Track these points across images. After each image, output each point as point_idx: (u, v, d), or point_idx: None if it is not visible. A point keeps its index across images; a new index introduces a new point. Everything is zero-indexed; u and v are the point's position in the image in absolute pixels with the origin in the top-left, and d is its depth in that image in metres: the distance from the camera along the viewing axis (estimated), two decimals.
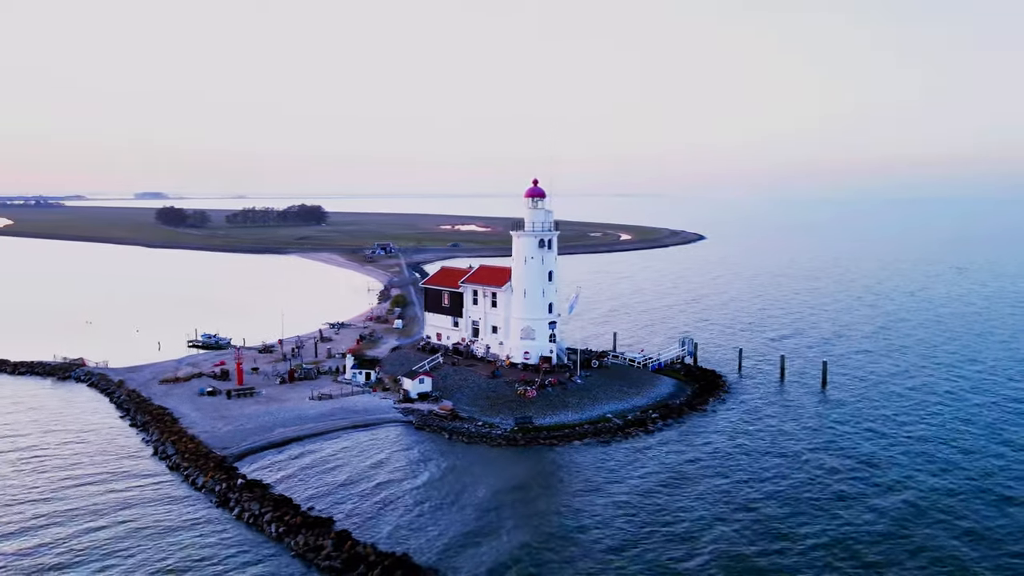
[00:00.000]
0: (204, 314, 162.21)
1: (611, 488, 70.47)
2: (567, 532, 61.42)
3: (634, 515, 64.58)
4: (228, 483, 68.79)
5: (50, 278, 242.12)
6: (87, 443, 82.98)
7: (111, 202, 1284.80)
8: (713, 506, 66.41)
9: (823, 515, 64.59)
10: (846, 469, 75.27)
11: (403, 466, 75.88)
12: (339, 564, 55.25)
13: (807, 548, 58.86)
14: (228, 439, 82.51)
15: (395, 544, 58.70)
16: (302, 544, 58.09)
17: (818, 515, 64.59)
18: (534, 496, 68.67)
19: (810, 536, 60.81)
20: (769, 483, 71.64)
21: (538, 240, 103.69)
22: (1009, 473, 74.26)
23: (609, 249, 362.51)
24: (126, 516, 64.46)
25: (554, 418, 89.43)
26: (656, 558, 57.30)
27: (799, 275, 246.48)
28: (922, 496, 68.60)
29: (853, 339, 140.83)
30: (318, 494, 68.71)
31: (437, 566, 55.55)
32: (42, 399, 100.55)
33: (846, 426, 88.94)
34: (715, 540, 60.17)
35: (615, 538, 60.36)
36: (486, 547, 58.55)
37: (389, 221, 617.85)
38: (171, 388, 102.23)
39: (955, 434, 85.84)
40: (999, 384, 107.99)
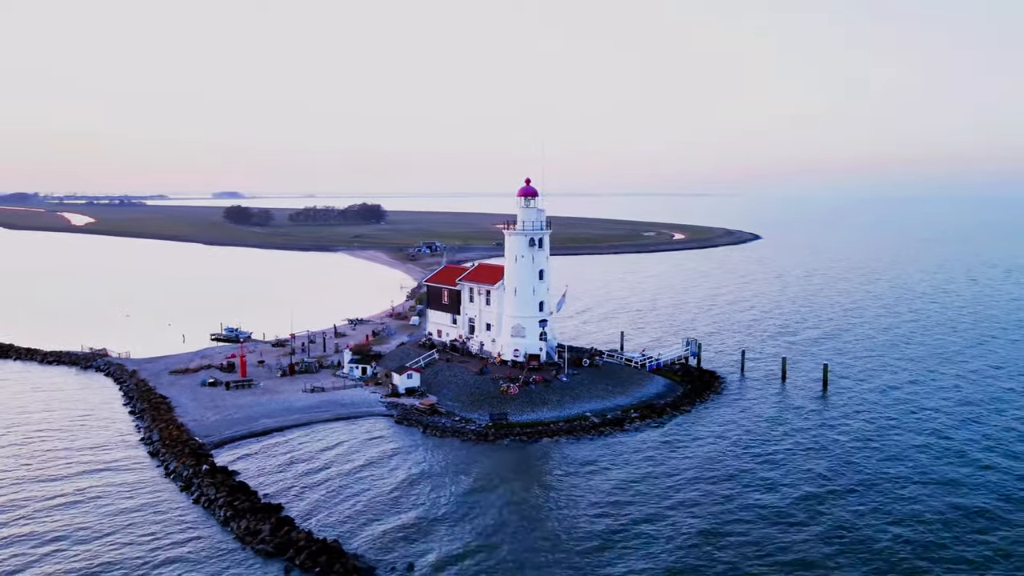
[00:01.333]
0: (237, 308, 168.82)
1: (563, 483, 71.09)
2: (503, 526, 62.43)
3: (575, 512, 65.12)
4: (194, 469, 72.40)
5: (107, 273, 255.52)
6: (85, 426, 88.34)
7: (190, 201, 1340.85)
8: (658, 507, 66.26)
9: (769, 523, 63.75)
10: (814, 476, 73.80)
11: (369, 457, 78.06)
12: (271, 548, 57.76)
13: (746, 553, 58.39)
14: (213, 428, 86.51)
15: (332, 530, 60.93)
16: (243, 528, 60.89)
17: (765, 523, 63.77)
18: (483, 489, 69.77)
19: (748, 544, 60.23)
20: (724, 486, 70.92)
21: (528, 239, 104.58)
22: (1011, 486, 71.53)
23: (656, 248, 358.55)
24: (91, 492, 69.09)
25: (531, 415, 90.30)
26: (584, 556, 57.82)
27: (846, 276, 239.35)
28: (881, 506, 66.87)
29: (866, 342, 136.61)
30: (280, 481, 71.59)
31: (363, 553, 57.44)
32: (60, 385, 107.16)
33: (831, 431, 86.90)
34: (647, 542, 60.24)
35: (550, 532, 61.12)
36: (419, 538, 60.06)
37: (446, 220, 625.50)
38: (178, 379, 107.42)
39: (944, 446, 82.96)
40: (1010, 394, 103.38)
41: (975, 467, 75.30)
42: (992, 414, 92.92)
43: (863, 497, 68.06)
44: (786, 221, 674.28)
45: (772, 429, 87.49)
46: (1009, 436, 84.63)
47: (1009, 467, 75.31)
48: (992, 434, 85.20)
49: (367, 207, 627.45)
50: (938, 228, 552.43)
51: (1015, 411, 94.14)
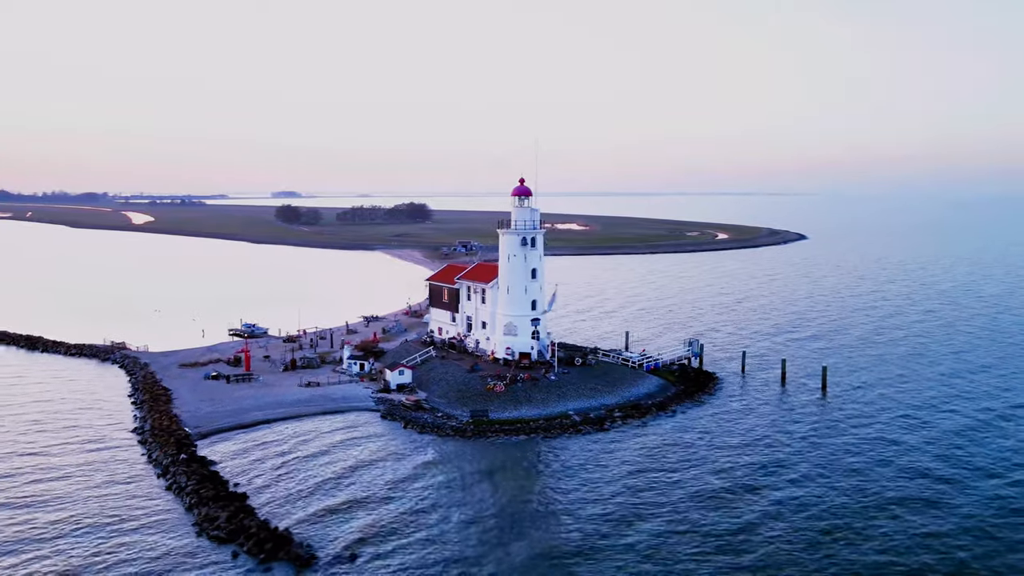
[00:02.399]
0: (263, 304, 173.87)
1: (525, 480, 71.93)
2: (451, 520, 63.61)
3: (525, 508, 65.93)
4: (173, 457, 75.59)
5: (149, 269, 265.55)
6: (87, 413, 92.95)
7: (249, 201, 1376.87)
8: (615, 507, 66.50)
9: (725, 527, 63.45)
10: (780, 479, 72.99)
11: (344, 451, 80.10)
12: (224, 534, 60.14)
13: (702, 557, 58.37)
14: (205, 419, 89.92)
15: (289, 519, 62.95)
16: (203, 515, 63.47)
17: (720, 527, 63.50)
18: (446, 484, 71.04)
19: (701, 548, 60.12)
20: (689, 487, 70.71)
21: (521, 238, 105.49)
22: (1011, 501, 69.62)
23: (696, 248, 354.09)
24: (72, 471, 73.49)
25: (513, 413, 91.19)
26: (527, 551, 58.65)
27: (881, 278, 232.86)
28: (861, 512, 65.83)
29: (881, 346, 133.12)
30: (253, 471, 74.16)
31: (312, 542, 59.21)
32: (77, 376, 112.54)
33: (815, 435, 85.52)
34: (596, 542, 60.67)
35: (494, 527, 62.11)
36: (368, 528, 61.70)
37: (491, 219, 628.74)
38: (186, 372, 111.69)
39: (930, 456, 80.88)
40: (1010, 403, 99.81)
41: (960, 470, 73.40)
42: (992, 415, 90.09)
43: (825, 500, 67.09)
44: (857, 223, 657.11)
45: (752, 431, 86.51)
46: (1009, 438, 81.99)
47: (1007, 470, 73.12)
48: (991, 436, 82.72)
49: (414, 206, 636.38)
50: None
51: (1016, 413, 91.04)
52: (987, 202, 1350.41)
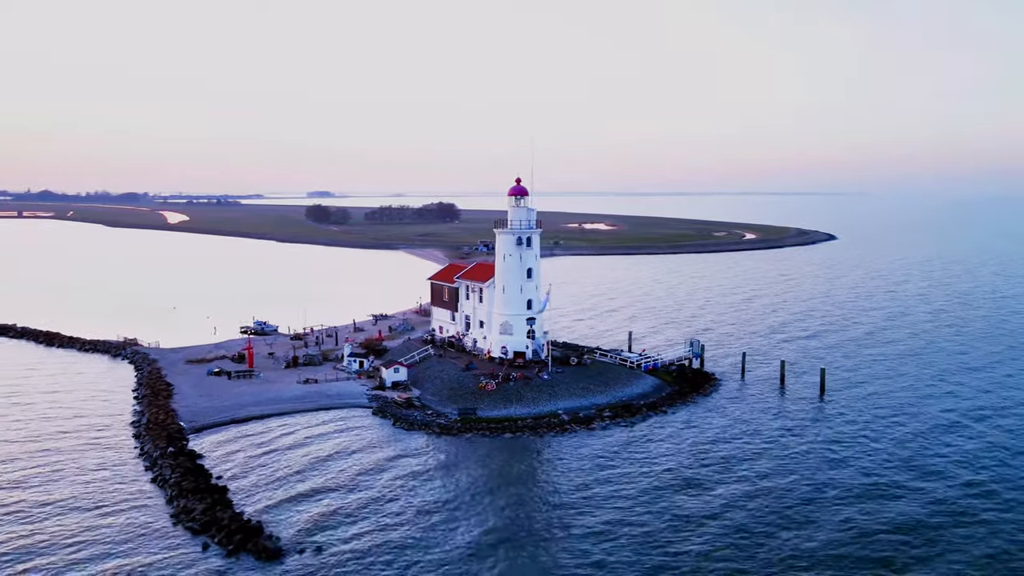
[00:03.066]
0: (276, 302, 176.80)
1: (505, 477, 72.54)
2: (424, 516, 64.44)
3: (497, 504, 66.53)
4: (162, 450, 77.63)
5: (174, 266, 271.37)
6: (89, 406, 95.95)
7: (284, 200, 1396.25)
8: (590, 506, 66.80)
9: (694, 530, 63.39)
10: (761, 484, 72.55)
11: (331, 446, 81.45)
12: (198, 526, 61.69)
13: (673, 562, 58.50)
14: (200, 414, 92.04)
15: (264, 513, 64.34)
16: (181, 507, 65.18)
17: (694, 529, 63.45)
18: (425, 480, 71.91)
19: (670, 550, 60.20)
20: (667, 488, 70.65)
21: (516, 238, 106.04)
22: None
23: (720, 248, 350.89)
24: (62, 460, 76.56)
25: (502, 411, 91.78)
26: (491, 546, 59.28)
27: (901, 278, 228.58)
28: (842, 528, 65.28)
29: (885, 347, 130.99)
30: (239, 464, 75.84)
31: (282, 534, 60.50)
32: (87, 370, 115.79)
33: (800, 438, 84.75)
34: (560, 542, 61.07)
35: (463, 518, 62.87)
36: (339, 522, 62.85)
37: None
38: (191, 368, 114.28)
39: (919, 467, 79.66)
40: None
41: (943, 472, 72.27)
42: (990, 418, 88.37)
43: (785, 500, 66.61)
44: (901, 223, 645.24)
45: (739, 433, 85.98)
46: (1006, 440, 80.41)
47: (1003, 472, 71.84)
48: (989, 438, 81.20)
49: (442, 206, 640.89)
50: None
51: (1015, 416, 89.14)
52: (998, 201, 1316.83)
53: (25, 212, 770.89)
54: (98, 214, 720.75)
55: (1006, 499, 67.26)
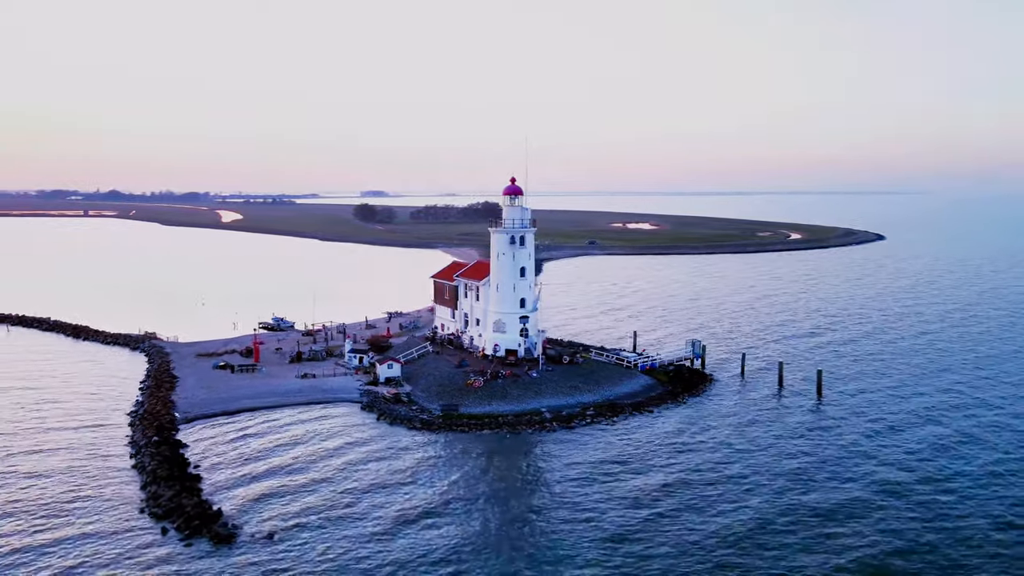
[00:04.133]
0: (301, 300, 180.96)
1: (468, 472, 73.58)
2: (382, 508, 66.00)
3: (455, 500, 67.68)
4: (148, 439, 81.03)
5: (213, 264, 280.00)
6: (95, 395, 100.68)
7: (338, 200, 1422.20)
8: (545, 504, 67.42)
9: (642, 535, 63.45)
10: (724, 489, 72.00)
11: (311, 439, 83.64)
12: (162, 512, 64.37)
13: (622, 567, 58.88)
14: (196, 405, 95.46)
15: (231, 501, 66.83)
16: (151, 493, 68.09)
17: (640, 535, 63.54)
18: (389, 472, 73.50)
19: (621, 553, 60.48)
20: (630, 489, 70.73)
21: (509, 237, 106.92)
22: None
23: (759, 249, 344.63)
24: (54, 444, 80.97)
25: (485, 408, 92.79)
26: (446, 544, 60.47)
27: (941, 280, 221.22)
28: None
29: (896, 350, 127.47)
30: (220, 454, 78.59)
31: (242, 522, 62.75)
32: (104, 362, 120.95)
33: (791, 442, 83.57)
34: (508, 540, 61.88)
35: (414, 512, 64.27)
36: (299, 511, 64.83)
37: (562, 218, 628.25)
38: (200, 361, 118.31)
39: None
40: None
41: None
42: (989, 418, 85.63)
43: (751, 507, 65.97)
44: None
45: (718, 434, 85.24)
46: (1002, 444, 78.02)
47: (997, 476, 69.92)
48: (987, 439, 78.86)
49: (488, 205, 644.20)
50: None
51: (1014, 420, 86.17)
52: (1010, 200, 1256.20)
53: (91, 211, 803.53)
54: (158, 213, 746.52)
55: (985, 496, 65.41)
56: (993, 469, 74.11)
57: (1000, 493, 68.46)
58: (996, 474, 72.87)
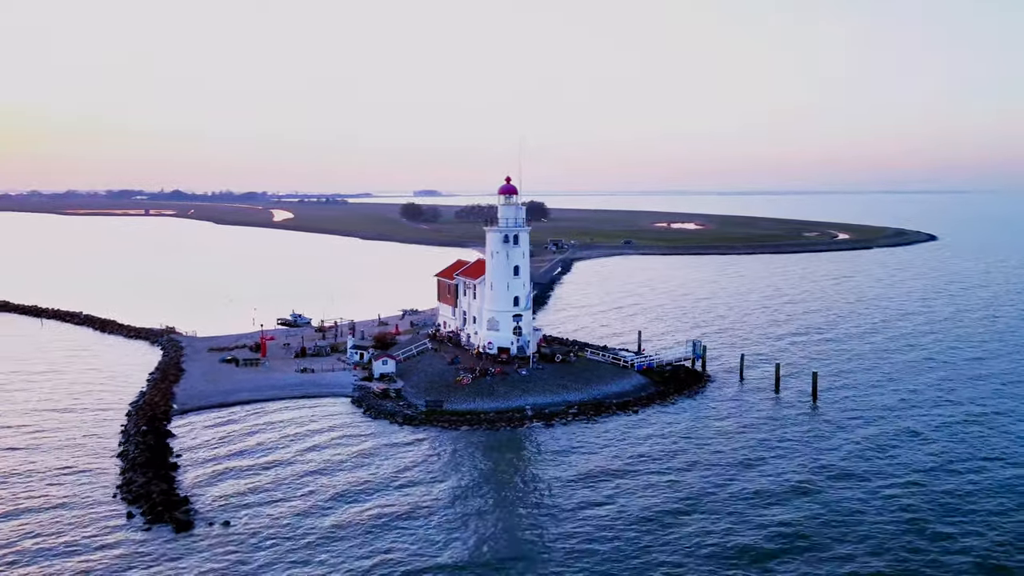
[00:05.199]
0: (325, 297, 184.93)
1: (423, 466, 74.76)
2: (344, 499, 67.65)
3: (410, 493, 68.95)
4: (137, 428, 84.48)
5: (250, 261, 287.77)
6: (103, 384, 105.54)
7: (391, 199, 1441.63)
8: (500, 504, 68.17)
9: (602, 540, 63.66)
10: (691, 494, 71.54)
11: (295, 430, 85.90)
12: (131, 497, 67.25)
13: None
14: (195, 396, 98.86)
15: (201, 489, 69.40)
16: (127, 479, 71.10)
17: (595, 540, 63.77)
18: (356, 465, 75.13)
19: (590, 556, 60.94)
20: (591, 490, 70.89)
21: (503, 236, 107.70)
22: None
23: (800, 249, 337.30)
24: (49, 427, 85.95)
25: (469, 404, 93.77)
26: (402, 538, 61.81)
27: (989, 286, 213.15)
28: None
29: (906, 355, 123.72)
30: (201, 443, 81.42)
31: (202, 508, 65.14)
32: (123, 354, 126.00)
33: (768, 445, 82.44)
34: (452, 537, 62.85)
35: (372, 504, 65.74)
36: (261, 500, 66.96)
37: (605, 217, 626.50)
38: (210, 355, 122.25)
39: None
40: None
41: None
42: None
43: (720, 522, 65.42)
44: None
45: (695, 435, 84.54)
46: (999, 448, 75.63)
47: (992, 480, 68.11)
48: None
49: (533, 204, 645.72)
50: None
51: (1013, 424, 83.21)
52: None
53: (152, 210, 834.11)
54: (213, 212, 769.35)
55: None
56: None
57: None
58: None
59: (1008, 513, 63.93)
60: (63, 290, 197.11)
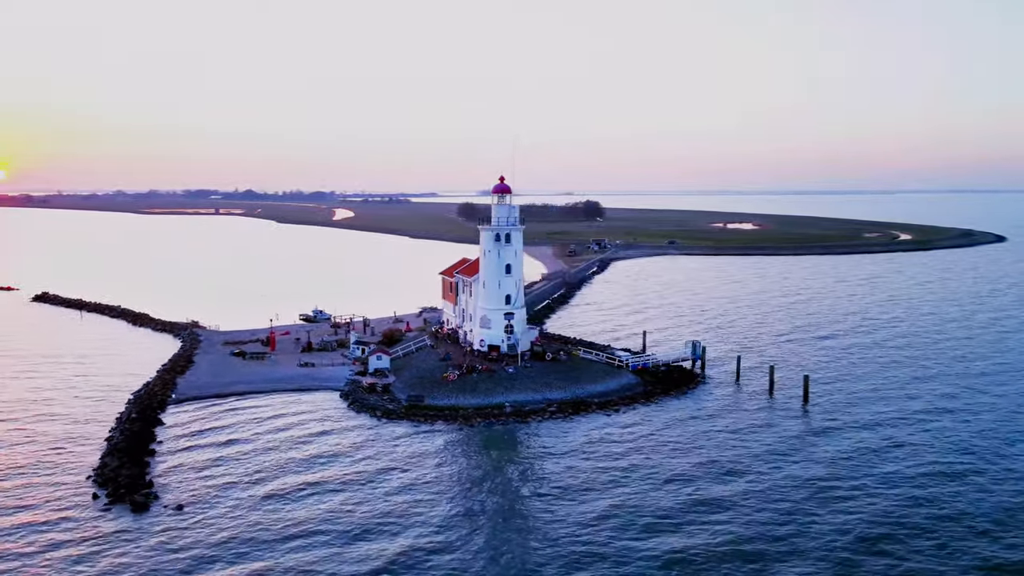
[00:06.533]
0: (351, 293, 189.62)
1: (389, 459, 76.55)
2: (306, 489, 70.09)
3: (369, 486, 70.81)
4: (129, 415, 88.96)
5: (295, 258, 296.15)
6: (117, 373, 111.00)
7: (456, 198, 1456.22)
8: (453, 496, 69.42)
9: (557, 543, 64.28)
10: (652, 500, 71.30)
11: (274, 420, 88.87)
12: (100, 480, 71.08)
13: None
14: (195, 387, 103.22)
15: (165, 471, 72.96)
16: (104, 462, 75.15)
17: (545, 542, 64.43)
18: (324, 456, 77.47)
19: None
20: (546, 491, 71.44)
21: (495, 234, 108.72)
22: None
23: (850, 250, 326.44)
24: (55, 414, 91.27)
25: (450, 400, 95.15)
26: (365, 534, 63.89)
27: None
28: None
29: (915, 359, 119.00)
30: (185, 432, 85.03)
31: (163, 493, 68.46)
32: (147, 346, 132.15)
33: (738, 450, 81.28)
34: (413, 533, 64.42)
35: (325, 497, 67.89)
36: (223, 487, 69.96)
37: (659, 217, 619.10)
38: (223, 348, 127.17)
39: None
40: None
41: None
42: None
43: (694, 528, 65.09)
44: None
45: (667, 436, 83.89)
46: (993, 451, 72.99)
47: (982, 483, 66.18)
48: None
49: (589, 204, 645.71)
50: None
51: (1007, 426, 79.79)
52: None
53: (222, 209, 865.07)
54: (277, 211, 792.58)
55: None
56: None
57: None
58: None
59: (1000, 521, 61.69)
60: (110, 285, 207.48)
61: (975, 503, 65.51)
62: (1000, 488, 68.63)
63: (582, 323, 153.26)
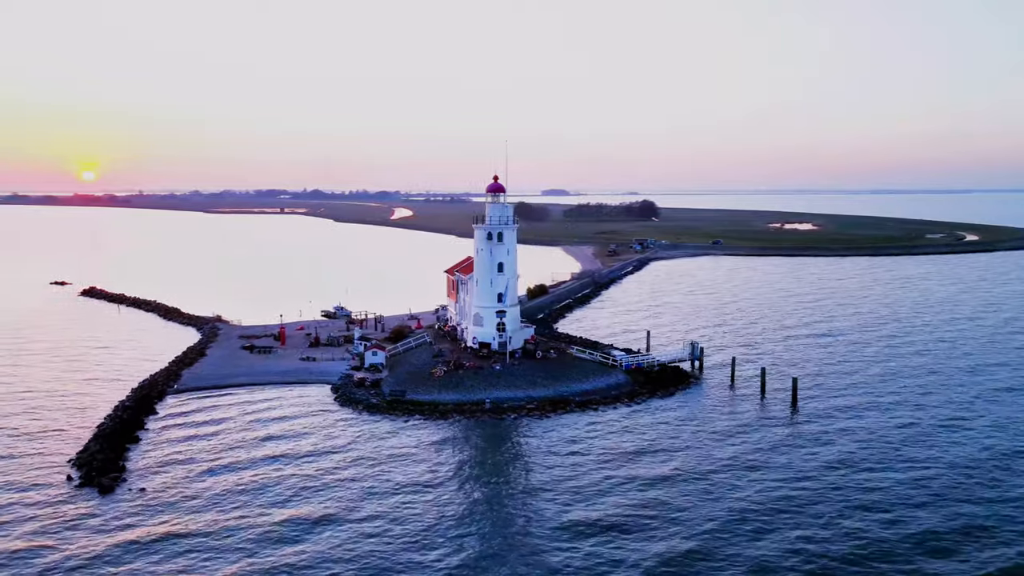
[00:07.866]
0: (380, 291, 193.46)
1: (361, 450, 78.48)
2: (276, 480, 72.72)
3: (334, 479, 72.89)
4: (126, 403, 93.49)
5: (339, 256, 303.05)
6: (134, 364, 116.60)
7: (518, 198, 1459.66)
8: (424, 497, 70.91)
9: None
10: (614, 502, 71.35)
11: (260, 412, 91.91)
12: (79, 462, 74.95)
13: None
14: (197, 378, 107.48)
15: (141, 457, 76.69)
16: (87, 446, 79.32)
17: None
18: (299, 450, 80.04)
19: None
20: (513, 490, 72.19)
21: (487, 233, 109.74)
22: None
23: (902, 252, 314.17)
24: (59, 398, 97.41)
25: (432, 396, 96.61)
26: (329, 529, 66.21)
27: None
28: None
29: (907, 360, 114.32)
30: (174, 420, 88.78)
31: (136, 480, 71.99)
32: (171, 338, 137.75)
33: (712, 452, 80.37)
34: (377, 531, 66.27)
35: (292, 488, 70.29)
36: (198, 476, 73.22)
37: (714, 217, 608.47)
38: (237, 342, 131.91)
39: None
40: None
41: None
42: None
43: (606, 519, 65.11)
44: None
45: (639, 437, 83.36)
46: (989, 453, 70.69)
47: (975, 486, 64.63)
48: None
49: (645, 203, 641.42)
50: None
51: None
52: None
53: (286, 208, 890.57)
54: (338, 210, 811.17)
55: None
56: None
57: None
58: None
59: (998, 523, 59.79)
60: (154, 280, 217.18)
61: (960, 506, 63.28)
62: (990, 476, 66.05)
63: (595, 322, 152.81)
